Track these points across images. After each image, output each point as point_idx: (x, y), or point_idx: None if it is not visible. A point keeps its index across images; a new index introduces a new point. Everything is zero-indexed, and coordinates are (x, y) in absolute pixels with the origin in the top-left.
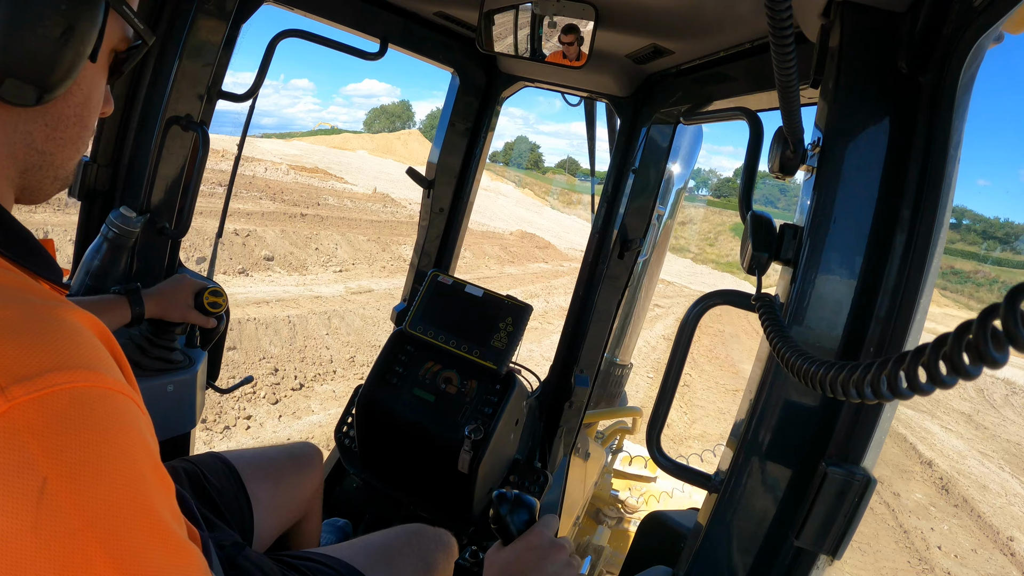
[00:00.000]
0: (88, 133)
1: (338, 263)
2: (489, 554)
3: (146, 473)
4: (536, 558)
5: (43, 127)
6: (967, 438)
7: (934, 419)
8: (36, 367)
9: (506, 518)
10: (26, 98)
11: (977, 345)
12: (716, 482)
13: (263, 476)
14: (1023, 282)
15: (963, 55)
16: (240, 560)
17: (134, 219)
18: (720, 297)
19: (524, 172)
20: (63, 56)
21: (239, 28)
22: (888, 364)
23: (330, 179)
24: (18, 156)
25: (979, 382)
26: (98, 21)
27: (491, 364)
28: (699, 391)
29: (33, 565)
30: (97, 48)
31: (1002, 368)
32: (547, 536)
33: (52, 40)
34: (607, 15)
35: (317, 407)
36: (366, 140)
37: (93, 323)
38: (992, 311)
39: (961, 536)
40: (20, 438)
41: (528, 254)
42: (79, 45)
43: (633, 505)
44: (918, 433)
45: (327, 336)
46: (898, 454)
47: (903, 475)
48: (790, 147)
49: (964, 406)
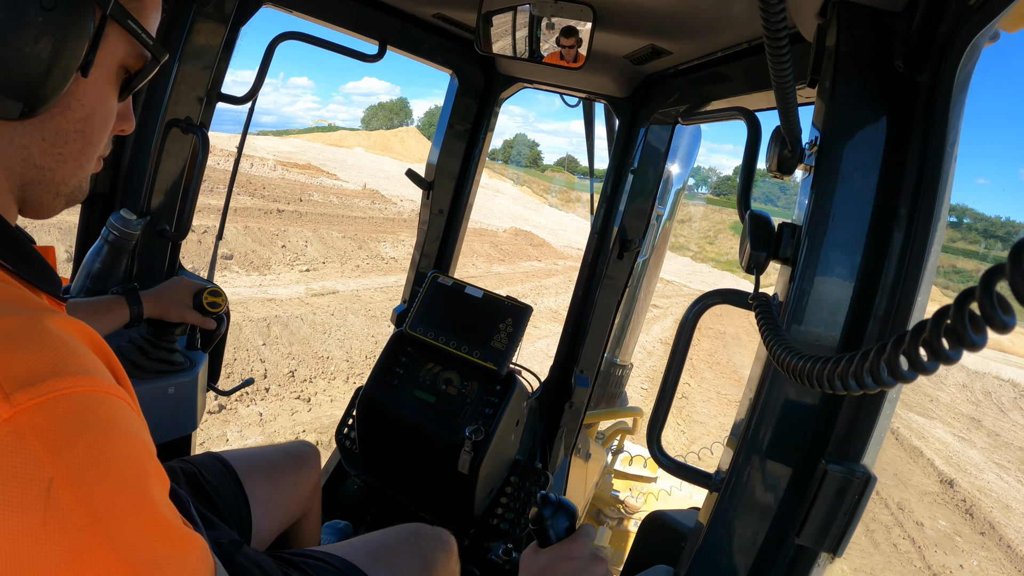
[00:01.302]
0: (92, 150)
1: (306, 262)
2: (525, 555)
3: (146, 469)
4: (575, 569)
5: (40, 142)
6: (980, 447)
7: (946, 426)
8: (38, 374)
9: (547, 521)
10: (8, 112)
11: (955, 329)
12: (716, 481)
13: (261, 475)
14: (998, 264)
15: (959, 53)
16: (238, 558)
17: (134, 222)
18: (719, 296)
19: (523, 170)
20: (45, 70)
21: (238, 30)
22: (870, 355)
23: (320, 175)
24: (15, 170)
25: (986, 385)
26: (85, 34)
27: (491, 365)
28: (699, 403)
29: (43, 561)
30: (89, 61)
31: (982, 350)
32: (589, 547)
33: (31, 54)
34: (605, 16)
35: (234, 435)
36: (363, 137)
37: (85, 333)
38: (968, 295)
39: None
40: (26, 441)
41: (521, 252)
42: (63, 58)
43: (634, 505)
44: (934, 446)
45: (263, 347)
46: (917, 472)
47: (924, 498)
48: (788, 146)
49: (972, 409)
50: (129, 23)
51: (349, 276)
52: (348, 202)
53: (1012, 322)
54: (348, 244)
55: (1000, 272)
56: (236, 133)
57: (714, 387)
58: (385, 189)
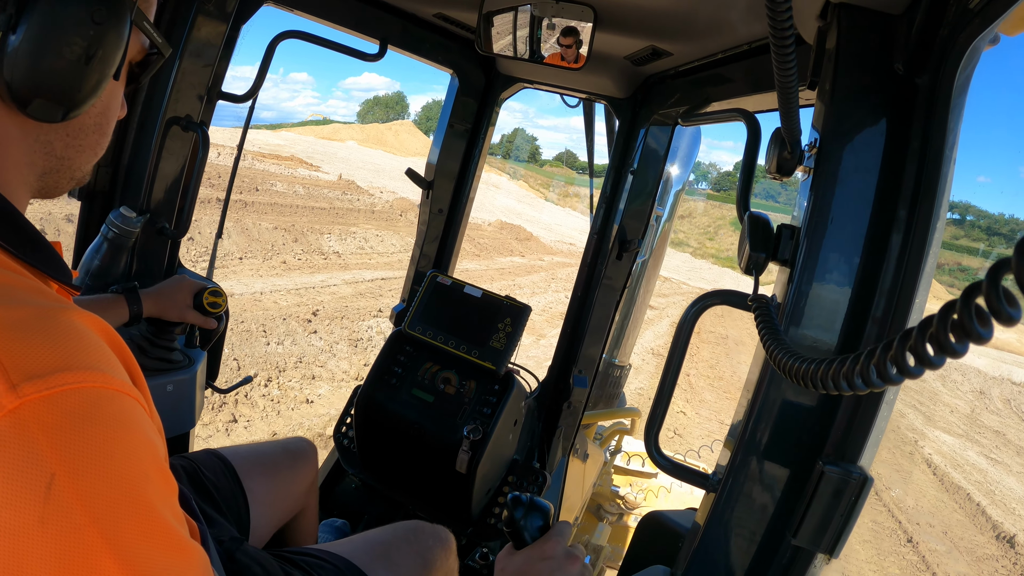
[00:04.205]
0: (106, 139)
1: (216, 257)
2: (500, 557)
3: (150, 473)
4: (550, 569)
5: (64, 136)
6: (1016, 472)
7: (972, 442)
8: (47, 366)
9: (520, 522)
10: (53, 116)
11: (963, 323)
12: (714, 481)
13: (259, 471)
14: (1003, 258)
15: (959, 57)
16: (239, 555)
17: (134, 219)
18: (718, 297)
19: (521, 165)
20: (90, 77)
21: (239, 29)
22: (876, 352)
23: (299, 166)
24: (37, 163)
25: (1006, 392)
26: (123, 43)
27: (490, 364)
28: (695, 437)
29: (39, 559)
30: (120, 66)
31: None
32: (562, 546)
33: (80, 63)
34: (605, 17)
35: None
36: (356, 131)
37: (100, 326)
38: (975, 289)
39: None
40: (30, 434)
41: (502, 247)
42: (105, 67)
43: (633, 501)
44: (971, 476)
45: None
46: (970, 528)
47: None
48: (787, 148)
49: (994, 421)
50: (144, 24)
51: (269, 274)
52: (315, 192)
53: (1018, 315)
54: (280, 237)
55: (1006, 266)
56: (231, 127)
57: (715, 412)
58: (367, 180)
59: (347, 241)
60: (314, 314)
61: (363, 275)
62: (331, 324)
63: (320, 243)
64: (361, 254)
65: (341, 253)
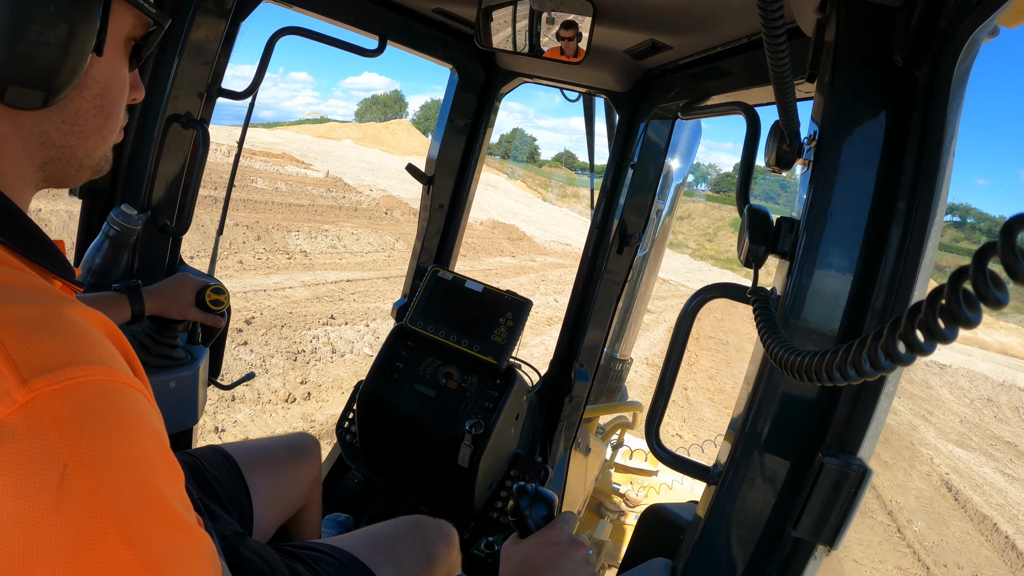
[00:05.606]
0: (113, 122)
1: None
2: (506, 546)
3: (157, 461)
4: (555, 555)
5: (59, 124)
6: None
7: (987, 457)
8: (56, 361)
9: (525, 511)
10: (32, 102)
11: (951, 307)
12: (714, 474)
13: (262, 467)
14: (989, 242)
15: (958, 48)
16: (242, 549)
17: (135, 217)
18: (718, 290)
19: (520, 165)
20: (62, 58)
21: (238, 26)
22: (867, 342)
23: (288, 164)
24: (35, 155)
25: (1014, 400)
26: (95, 16)
27: (491, 359)
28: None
29: (53, 547)
30: (101, 41)
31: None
32: (567, 533)
33: (47, 44)
34: (605, 11)
35: None
36: (353, 129)
37: (101, 321)
38: (962, 273)
39: None
40: (43, 427)
41: (491, 247)
42: (77, 44)
43: (634, 499)
44: (992, 498)
45: None
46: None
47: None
48: (786, 141)
49: (1004, 430)
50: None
51: (218, 275)
52: (298, 189)
53: (1006, 298)
54: (242, 235)
55: (992, 249)
56: (228, 125)
57: (715, 433)
58: (357, 178)
59: (317, 239)
60: (247, 322)
61: (327, 276)
62: (267, 334)
63: (286, 241)
64: (332, 253)
65: (309, 252)
